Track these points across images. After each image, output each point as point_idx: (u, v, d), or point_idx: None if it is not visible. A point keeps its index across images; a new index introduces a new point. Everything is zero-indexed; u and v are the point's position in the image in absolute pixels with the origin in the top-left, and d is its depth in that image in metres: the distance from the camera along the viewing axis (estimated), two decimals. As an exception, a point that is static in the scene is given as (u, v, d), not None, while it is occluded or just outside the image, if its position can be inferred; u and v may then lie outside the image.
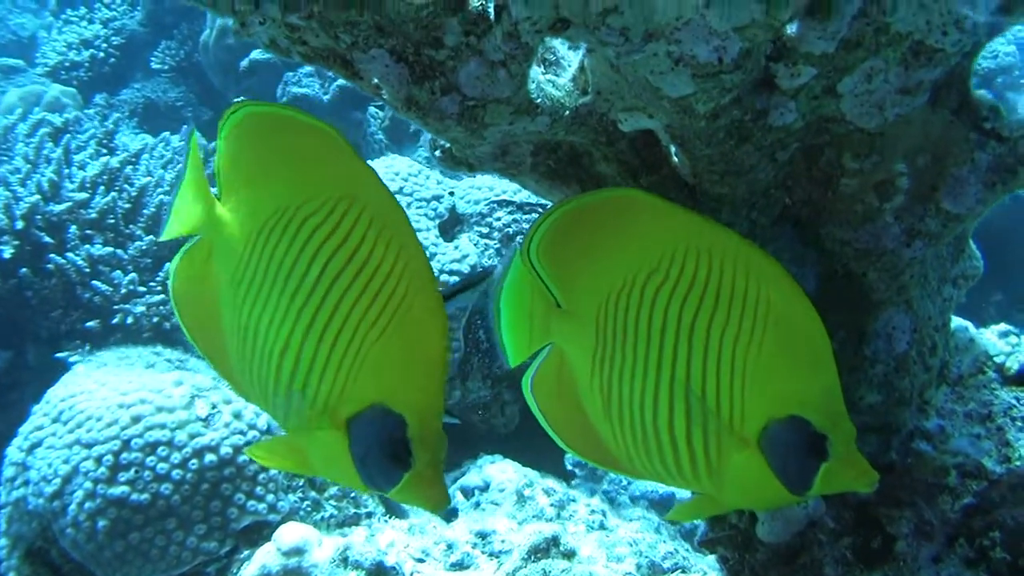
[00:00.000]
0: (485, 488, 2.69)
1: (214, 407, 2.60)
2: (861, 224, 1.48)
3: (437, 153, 1.54)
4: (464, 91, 1.32)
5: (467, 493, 2.72)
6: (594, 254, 1.31)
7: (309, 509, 2.58)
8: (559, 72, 1.46)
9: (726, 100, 1.29)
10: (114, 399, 2.56)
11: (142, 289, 3.75)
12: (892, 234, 1.47)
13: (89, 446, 2.48)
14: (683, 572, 2.20)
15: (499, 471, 2.74)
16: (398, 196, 3.03)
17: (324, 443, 1.12)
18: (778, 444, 1.20)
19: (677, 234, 1.25)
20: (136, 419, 2.50)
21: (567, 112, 1.42)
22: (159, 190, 4.05)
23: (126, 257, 3.82)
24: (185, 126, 4.46)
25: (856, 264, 1.51)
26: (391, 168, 3.08)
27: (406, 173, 3.06)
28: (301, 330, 1.11)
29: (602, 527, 2.38)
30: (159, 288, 3.76)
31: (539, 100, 1.38)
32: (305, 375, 1.12)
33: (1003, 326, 1.80)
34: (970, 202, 1.44)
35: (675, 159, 1.46)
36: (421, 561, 2.24)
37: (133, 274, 3.75)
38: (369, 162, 3.25)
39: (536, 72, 1.39)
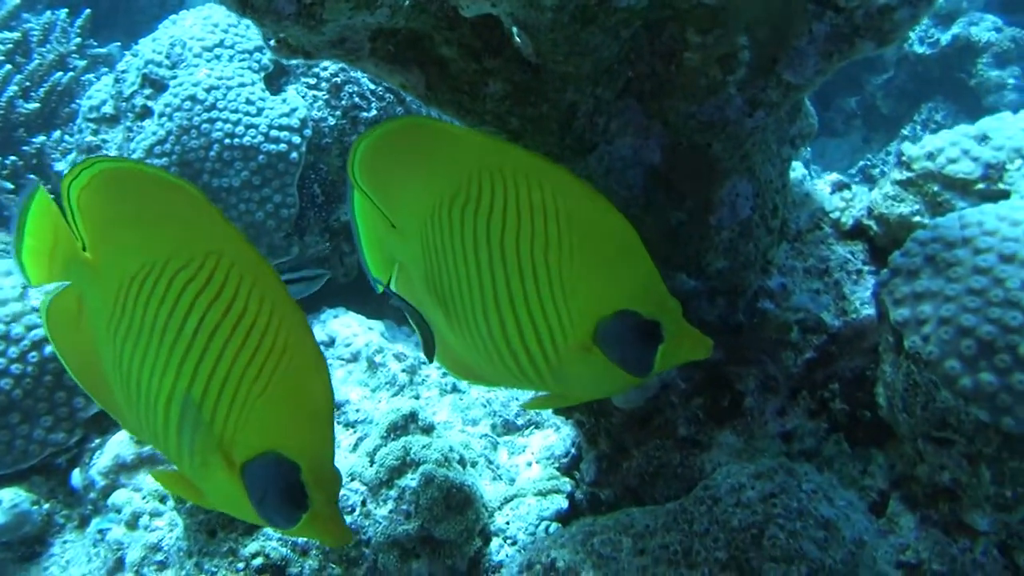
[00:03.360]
0: (331, 343, 2.67)
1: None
2: (705, 97, 1.49)
3: (271, 43, 1.47)
4: (300, -11, 1.26)
5: (313, 350, 2.68)
6: (407, 178, 1.35)
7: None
8: (396, -42, 1.39)
9: (573, -8, 1.26)
10: (-60, 294, 2.42)
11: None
12: (735, 106, 1.49)
13: (-82, 345, 2.35)
14: (537, 427, 2.27)
15: (343, 325, 2.71)
16: (219, 49, 2.90)
17: (221, 486, 1.17)
18: (612, 339, 1.26)
19: (470, 156, 1.30)
20: (-34, 314, 2.38)
21: (407, 2, 1.36)
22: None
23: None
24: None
25: (700, 136, 1.52)
26: (209, 20, 2.90)
27: (225, 24, 2.89)
28: (184, 381, 1.16)
29: (455, 389, 2.41)
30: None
31: (378, -9, 1.32)
32: (193, 424, 1.16)
33: (835, 176, 1.86)
34: (809, 73, 1.46)
35: (518, 40, 1.43)
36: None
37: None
38: (185, 11, 3.09)
39: (373, -39, 1.32)
